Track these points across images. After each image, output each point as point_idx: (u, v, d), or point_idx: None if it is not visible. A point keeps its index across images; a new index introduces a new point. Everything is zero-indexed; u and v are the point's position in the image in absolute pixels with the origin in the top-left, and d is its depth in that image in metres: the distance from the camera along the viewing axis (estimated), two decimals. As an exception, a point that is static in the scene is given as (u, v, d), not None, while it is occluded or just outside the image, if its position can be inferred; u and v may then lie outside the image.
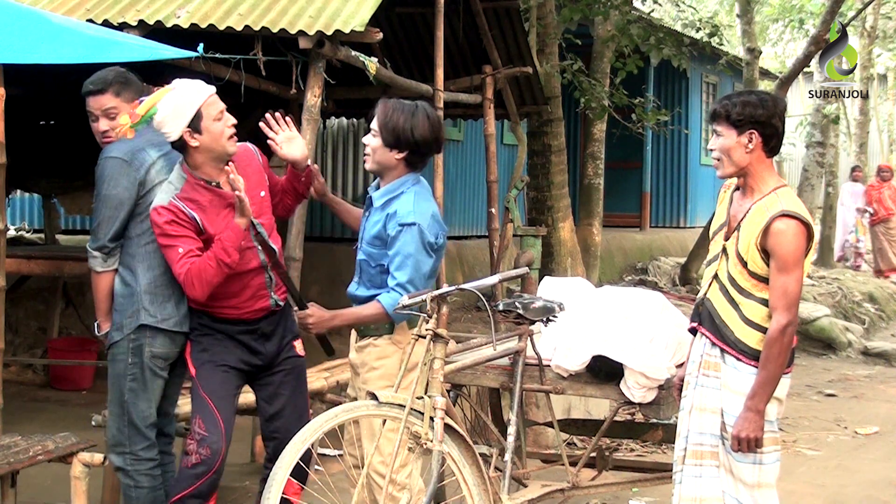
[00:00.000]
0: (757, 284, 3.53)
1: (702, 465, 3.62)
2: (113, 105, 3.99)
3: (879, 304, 14.57)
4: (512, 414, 4.21)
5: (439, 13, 7.29)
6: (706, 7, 23.14)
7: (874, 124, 24.64)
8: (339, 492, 4.04)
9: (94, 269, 4.00)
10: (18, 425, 5.38)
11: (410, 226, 3.89)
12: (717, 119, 3.60)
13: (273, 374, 4.14)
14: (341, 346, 4.63)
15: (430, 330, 3.77)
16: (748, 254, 3.52)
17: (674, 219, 17.38)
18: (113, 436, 4.07)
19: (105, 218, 3.94)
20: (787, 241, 3.45)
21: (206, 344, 4.02)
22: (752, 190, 3.60)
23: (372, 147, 4.02)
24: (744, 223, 3.56)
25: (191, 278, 3.86)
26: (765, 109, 3.54)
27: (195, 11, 5.98)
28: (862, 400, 9.41)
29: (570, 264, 10.68)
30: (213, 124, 3.85)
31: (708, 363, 3.64)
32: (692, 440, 3.65)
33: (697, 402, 3.65)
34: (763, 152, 3.57)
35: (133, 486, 4.05)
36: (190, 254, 3.87)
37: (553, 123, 10.62)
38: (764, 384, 3.49)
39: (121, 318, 4.00)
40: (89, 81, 4.01)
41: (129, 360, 3.99)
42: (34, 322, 8.53)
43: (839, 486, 6.33)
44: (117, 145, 3.97)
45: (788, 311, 3.46)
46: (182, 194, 3.90)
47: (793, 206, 3.49)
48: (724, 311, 3.59)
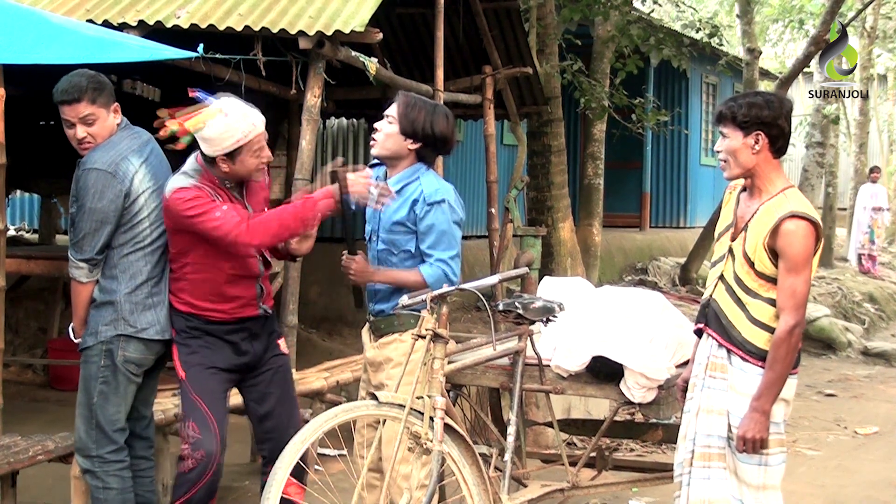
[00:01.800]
0: (764, 284, 3.52)
1: (710, 468, 3.60)
2: (90, 112, 3.94)
3: (879, 304, 14.59)
4: (512, 414, 4.20)
5: (439, 13, 7.29)
6: (706, 7, 23.14)
7: (874, 124, 24.63)
8: (340, 492, 4.04)
9: (78, 280, 3.98)
10: (18, 425, 5.38)
11: (440, 203, 3.99)
12: (723, 121, 3.58)
13: (260, 374, 4.13)
14: (339, 347, 4.64)
15: (429, 330, 3.77)
16: (755, 254, 3.51)
17: (674, 219, 17.38)
18: (80, 438, 4.02)
19: (90, 231, 3.91)
20: (797, 242, 3.44)
21: (194, 347, 4.01)
22: (760, 191, 3.58)
23: (386, 133, 4.05)
24: (751, 224, 3.54)
25: (253, 227, 3.81)
26: (771, 110, 3.52)
27: (195, 12, 5.98)
28: (862, 400, 9.42)
29: (569, 264, 10.68)
30: (249, 159, 3.86)
31: (714, 364, 3.62)
32: (700, 442, 3.63)
33: (704, 404, 3.63)
34: (770, 153, 3.56)
35: (102, 487, 3.99)
36: (232, 210, 3.83)
37: (553, 124, 10.62)
38: (770, 385, 3.48)
39: (96, 324, 3.98)
40: (62, 91, 3.93)
41: (101, 363, 3.97)
42: (34, 322, 8.53)
43: (839, 486, 6.34)
44: (98, 155, 3.93)
45: (797, 311, 3.45)
46: (199, 184, 3.91)
47: (802, 207, 3.47)
48: (731, 312, 3.58)
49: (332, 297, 9.63)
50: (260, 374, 4.13)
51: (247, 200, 4.02)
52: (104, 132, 3.97)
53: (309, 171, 5.79)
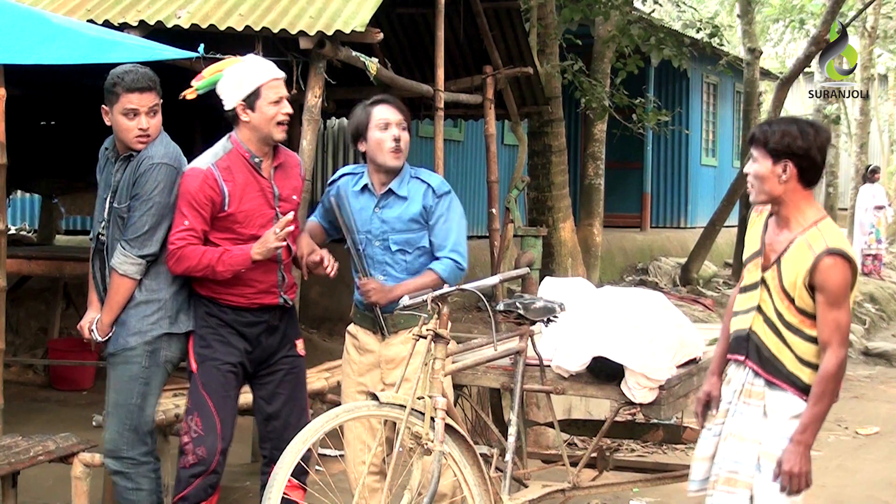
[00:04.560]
0: (804, 321, 3.43)
1: (734, 493, 3.49)
2: (157, 102, 3.97)
3: (880, 305, 14.58)
4: (513, 414, 4.20)
5: (440, 13, 7.29)
6: (707, 7, 23.14)
7: (875, 124, 24.64)
8: (340, 492, 4.04)
9: (131, 277, 3.93)
10: (19, 426, 5.38)
11: (448, 193, 4.15)
12: (754, 143, 3.49)
13: (273, 373, 4.13)
14: (340, 347, 4.62)
15: (430, 330, 3.77)
16: (795, 291, 3.42)
17: (674, 219, 17.38)
18: (112, 440, 4.00)
19: (154, 225, 3.92)
20: (836, 279, 3.35)
21: (209, 339, 4.01)
22: (789, 221, 3.48)
23: (406, 140, 4.15)
24: (785, 258, 3.45)
25: (179, 255, 3.90)
26: (804, 141, 3.41)
27: (196, 12, 5.98)
28: (862, 400, 9.41)
29: (570, 265, 10.68)
30: (268, 107, 3.94)
31: (750, 392, 3.52)
32: (726, 467, 3.52)
33: (735, 430, 3.53)
34: (798, 184, 3.45)
35: (133, 488, 3.99)
36: (192, 231, 3.90)
37: (553, 124, 10.62)
38: (816, 419, 3.39)
39: (139, 323, 3.95)
40: (133, 79, 3.92)
41: (144, 364, 3.95)
42: (35, 322, 8.53)
43: (840, 486, 6.33)
44: (163, 150, 3.96)
45: (842, 345, 3.38)
46: (222, 163, 3.95)
47: (837, 243, 3.39)
48: (775, 347, 3.48)
49: (333, 297, 9.63)
50: (272, 372, 4.13)
51: (276, 182, 4.04)
52: (159, 126, 4.02)
53: (309, 171, 5.79)
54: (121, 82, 3.92)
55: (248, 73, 3.95)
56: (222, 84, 3.95)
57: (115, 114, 3.95)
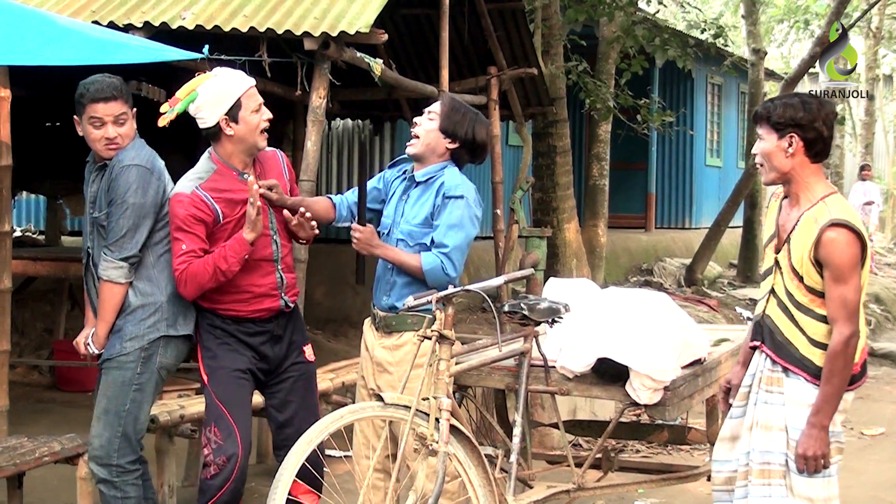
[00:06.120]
0: (814, 300, 3.39)
1: (770, 485, 3.47)
2: (124, 111, 3.95)
3: (885, 305, 14.54)
4: (517, 415, 4.20)
5: (444, 14, 7.29)
6: (711, 8, 23.13)
7: (880, 125, 24.61)
8: (345, 493, 4.04)
9: (116, 281, 3.90)
10: (24, 427, 5.39)
11: (459, 198, 4.03)
12: (759, 121, 3.47)
13: (282, 381, 4.11)
14: (344, 348, 4.63)
15: (435, 331, 3.77)
16: (803, 268, 3.39)
17: (679, 220, 17.37)
18: (101, 446, 3.94)
19: (131, 227, 3.89)
20: (840, 251, 3.31)
21: (214, 350, 4.00)
22: (799, 198, 3.46)
23: (426, 129, 4.12)
24: (794, 235, 3.43)
25: (185, 277, 3.88)
26: (807, 112, 3.39)
27: (200, 13, 5.98)
28: (868, 401, 9.38)
29: (575, 265, 10.67)
30: (251, 116, 3.92)
31: (770, 379, 3.50)
32: (758, 459, 3.49)
33: (762, 420, 3.50)
34: (806, 157, 3.42)
35: (120, 497, 3.94)
36: (192, 252, 3.88)
37: (558, 124, 10.62)
38: (828, 399, 3.36)
39: (136, 328, 3.93)
40: (96, 89, 3.92)
41: (138, 370, 3.93)
42: (40, 323, 8.55)
43: (845, 486, 6.26)
44: (133, 154, 3.94)
45: (849, 321, 3.32)
46: (207, 184, 3.92)
47: (842, 214, 3.35)
48: (787, 330, 3.46)
49: (338, 298, 9.64)
50: (282, 380, 4.11)
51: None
52: (131, 133, 3.99)
53: (314, 172, 5.80)
54: (86, 93, 3.93)
55: (225, 86, 3.89)
56: (199, 103, 3.87)
57: (83, 123, 3.97)
